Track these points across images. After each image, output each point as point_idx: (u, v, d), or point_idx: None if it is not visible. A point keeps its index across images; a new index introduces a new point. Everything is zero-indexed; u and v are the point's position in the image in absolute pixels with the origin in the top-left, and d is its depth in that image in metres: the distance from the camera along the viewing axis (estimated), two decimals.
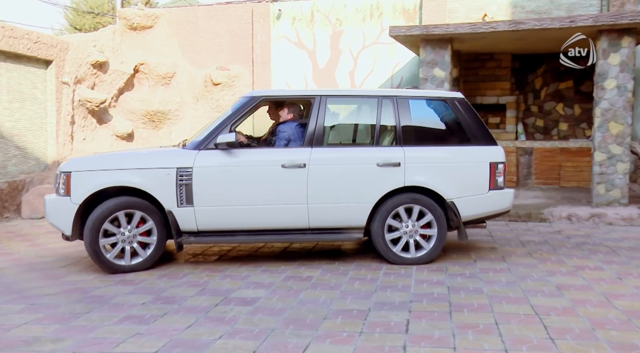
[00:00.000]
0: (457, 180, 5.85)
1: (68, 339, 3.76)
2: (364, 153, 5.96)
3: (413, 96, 6.10)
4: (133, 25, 13.67)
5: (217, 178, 5.59)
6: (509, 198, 6.05)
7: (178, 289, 5.01)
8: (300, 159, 5.69)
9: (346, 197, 5.72)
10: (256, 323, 4.06)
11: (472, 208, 5.88)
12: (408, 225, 5.81)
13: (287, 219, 5.72)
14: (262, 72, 13.40)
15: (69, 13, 24.66)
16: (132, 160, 5.72)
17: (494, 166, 5.92)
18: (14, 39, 9.57)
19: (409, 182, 5.76)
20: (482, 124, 6.06)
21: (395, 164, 5.75)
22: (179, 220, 5.57)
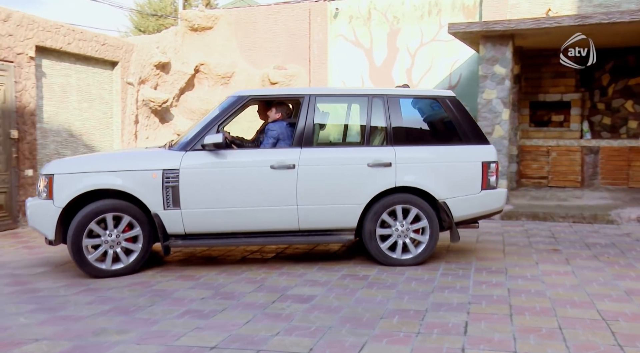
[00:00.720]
0: (449, 180, 5.76)
1: (132, 331, 3.88)
2: (354, 153, 5.86)
3: (404, 95, 6.00)
4: (194, 26, 14.00)
5: (204, 180, 5.44)
6: (501, 198, 5.96)
7: (236, 285, 5.09)
8: (290, 159, 5.58)
9: (336, 198, 5.63)
10: (313, 320, 4.08)
11: (464, 209, 5.79)
12: (400, 226, 5.72)
13: (276, 221, 5.60)
14: (319, 71, 13.45)
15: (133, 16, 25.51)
16: (116, 162, 5.55)
17: (486, 165, 5.82)
18: (83, 41, 9.98)
19: (400, 183, 5.67)
20: (474, 123, 5.98)
21: (386, 164, 5.67)
22: (165, 223, 5.42)
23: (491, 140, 9.60)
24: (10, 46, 8.41)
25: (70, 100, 10.02)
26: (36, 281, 5.31)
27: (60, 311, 4.36)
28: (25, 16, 8.77)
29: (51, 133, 9.54)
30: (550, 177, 11.71)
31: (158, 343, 3.63)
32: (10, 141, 8.47)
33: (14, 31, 8.48)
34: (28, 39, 8.74)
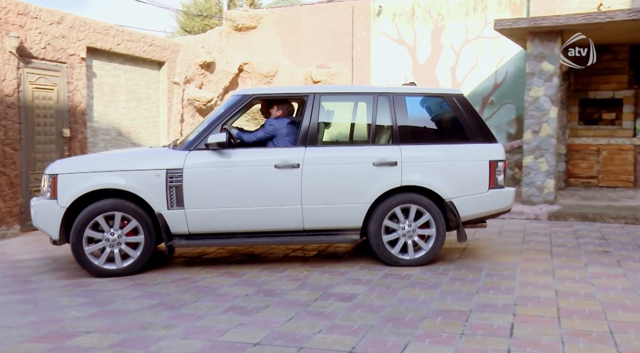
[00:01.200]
0: (456, 179, 5.66)
1: (178, 326, 3.96)
2: (360, 152, 5.78)
3: (410, 93, 5.91)
4: (238, 26, 14.16)
5: (208, 180, 5.40)
6: (509, 197, 5.85)
7: (279, 283, 5.13)
8: (294, 158, 5.51)
9: (341, 197, 5.56)
10: (355, 319, 4.07)
11: (471, 208, 5.70)
12: (405, 225, 5.64)
13: (281, 221, 5.54)
14: (362, 69, 13.41)
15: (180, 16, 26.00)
16: (120, 161, 5.53)
17: (493, 164, 5.72)
18: (131, 42, 10.23)
19: (405, 182, 5.59)
20: (481, 121, 5.88)
21: (392, 163, 5.59)
22: (169, 222, 5.38)
23: (538, 138, 9.39)
24: (63, 48, 8.69)
25: (119, 99, 10.29)
26: (86, 275, 5.47)
27: (109, 305, 4.48)
28: (78, 18, 9.04)
29: (101, 132, 9.82)
30: (601, 176, 11.36)
31: (203, 339, 3.70)
32: (62, 139, 8.76)
33: (66, 33, 8.76)
34: (80, 41, 9.02)
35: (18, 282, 5.27)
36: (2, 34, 7.70)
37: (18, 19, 7.95)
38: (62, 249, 6.80)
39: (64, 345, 3.58)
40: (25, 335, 3.76)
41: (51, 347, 3.54)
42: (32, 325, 3.97)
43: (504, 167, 5.81)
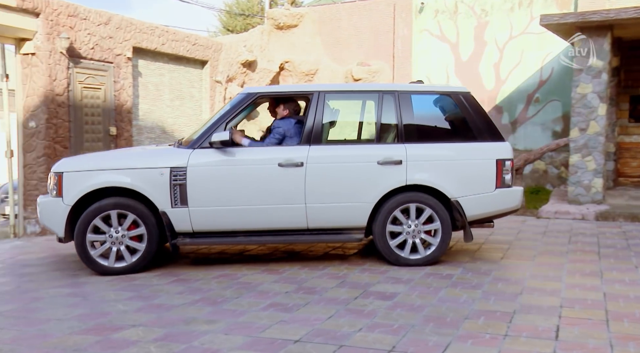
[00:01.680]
0: (462, 178, 5.57)
1: (220, 321, 4.02)
2: (364, 151, 5.70)
3: (416, 91, 5.83)
4: (279, 24, 14.24)
5: (212, 178, 5.38)
6: (517, 197, 5.74)
7: (319, 280, 5.15)
8: (298, 157, 5.47)
9: (345, 196, 5.50)
10: (395, 318, 4.05)
11: (477, 208, 5.61)
12: (411, 225, 5.58)
13: (284, 219, 5.51)
14: (403, 66, 13.31)
15: (222, 16, 26.33)
16: (125, 160, 5.53)
17: (500, 163, 5.62)
18: (176, 42, 10.42)
19: (411, 181, 5.52)
20: (488, 120, 5.76)
21: (397, 161, 5.52)
22: (173, 221, 5.38)
23: (585, 136, 9.13)
24: (110, 48, 8.92)
25: (163, 98, 10.49)
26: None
27: (154, 299, 4.58)
28: (124, 19, 9.26)
29: (145, 130, 10.04)
30: None
31: (244, 334, 3.74)
32: (109, 137, 8.99)
33: (113, 33, 8.98)
34: (126, 41, 9.23)
35: (68, 275, 5.44)
36: (53, 36, 7.95)
37: (68, 21, 8.20)
38: None
39: (111, 338, 3.67)
40: (75, 328, 3.88)
41: (99, 340, 3.64)
42: (81, 318, 4.10)
43: (512, 166, 5.72)
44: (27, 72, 7.98)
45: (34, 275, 5.47)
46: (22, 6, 7.51)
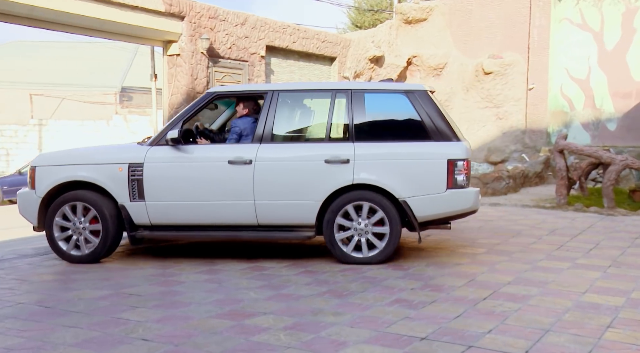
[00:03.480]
0: (411, 178, 5.46)
1: (346, 314, 4.08)
2: (312, 149, 5.66)
3: (369, 89, 5.77)
4: (408, 19, 14.10)
5: (166, 174, 5.56)
6: (469, 199, 5.52)
7: (446, 278, 5.05)
8: (247, 155, 5.56)
9: (293, 194, 5.52)
10: (527, 322, 3.87)
11: (427, 209, 5.48)
12: (359, 223, 5.51)
13: (235, 215, 5.59)
14: (539, 58, 12.62)
15: (351, 12, 26.59)
16: (89, 156, 5.82)
17: (452, 163, 5.42)
18: (306, 39, 10.70)
19: (357, 180, 5.46)
20: (443, 119, 5.56)
21: (344, 160, 5.47)
22: (132, 214, 5.61)
23: None
24: (245, 47, 9.37)
25: None
26: (264, 260, 5.86)
27: (283, 289, 4.76)
28: (259, 19, 9.68)
29: None
30: None
31: (370, 328, 3.76)
32: None
33: (249, 33, 9.42)
34: (260, 40, 9.64)
35: (206, 262, 5.81)
36: (195, 37, 8.50)
37: (209, 22, 8.72)
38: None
39: (244, 324, 3.87)
40: (212, 312, 4.14)
41: (233, 324, 3.86)
42: (217, 303, 4.36)
43: (466, 167, 5.47)
44: (173, 71, 8.60)
45: (176, 261, 5.91)
46: (170, 11, 8.11)
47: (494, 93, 13.89)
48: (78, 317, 4.02)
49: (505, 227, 7.75)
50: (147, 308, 4.21)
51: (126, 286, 4.86)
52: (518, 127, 14.11)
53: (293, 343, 3.50)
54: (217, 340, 3.54)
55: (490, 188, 10.95)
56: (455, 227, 7.73)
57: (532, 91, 13.60)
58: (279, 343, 3.49)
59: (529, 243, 6.60)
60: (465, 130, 14.49)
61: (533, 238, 6.96)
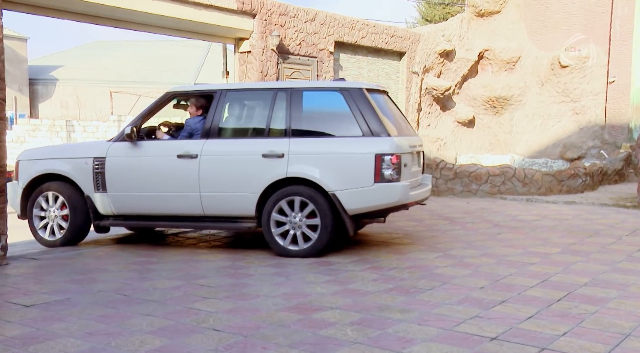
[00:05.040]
0: (340, 172, 5.66)
1: (413, 311, 4.04)
2: (252, 144, 6.00)
3: (307, 88, 6.09)
4: (480, 11, 13.75)
5: (124, 167, 6.11)
6: (396, 192, 5.63)
7: (517, 278, 4.91)
8: (193, 149, 5.97)
9: (234, 186, 5.87)
10: (606, 325, 3.70)
11: (356, 201, 5.65)
12: (294, 217, 5.75)
13: (184, 206, 6.03)
14: (621, 51, 12.01)
15: (421, 6, 26.23)
16: (64, 151, 6.50)
17: (379, 158, 5.57)
18: (375, 34, 10.64)
19: (290, 173, 5.73)
20: (375, 115, 5.74)
21: (279, 155, 5.76)
22: (97, 204, 6.20)
23: None
24: (314, 43, 9.43)
25: None
26: (330, 255, 5.90)
27: (349, 284, 4.77)
28: (328, 15, 9.71)
29: None
30: None
31: (438, 327, 3.72)
32: None
33: (318, 29, 9.47)
34: (329, 36, 9.68)
35: (274, 257, 5.91)
36: (266, 34, 8.64)
37: (279, 19, 8.84)
38: None
39: (311, 318, 3.91)
40: (279, 305, 4.21)
41: (301, 318, 3.91)
42: (284, 296, 4.43)
43: (395, 161, 5.60)
44: (244, 68, 8.78)
45: (245, 254, 6.04)
46: (242, 8, 8.28)
47: (571, 87, 13.33)
48: (153, 305, 4.18)
49: (581, 226, 7.44)
50: (218, 299, 4.33)
51: (198, 277, 5.02)
52: (597, 122, 13.49)
53: (360, 338, 3.51)
54: (284, 333, 3.60)
55: (565, 186, 10.54)
56: (527, 225, 7.49)
57: (613, 85, 12.96)
58: (345, 338, 3.51)
59: (607, 244, 6.31)
60: (539, 125, 14.00)
61: (612, 238, 6.65)
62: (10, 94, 26.46)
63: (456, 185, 10.57)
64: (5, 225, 5.62)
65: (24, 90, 31.17)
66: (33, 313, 4.02)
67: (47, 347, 3.38)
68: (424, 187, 6.37)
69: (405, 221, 8.00)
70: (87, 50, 37.86)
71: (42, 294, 4.50)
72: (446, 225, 7.66)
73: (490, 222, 7.89)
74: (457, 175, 10.57)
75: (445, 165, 10.71)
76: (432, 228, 7.48)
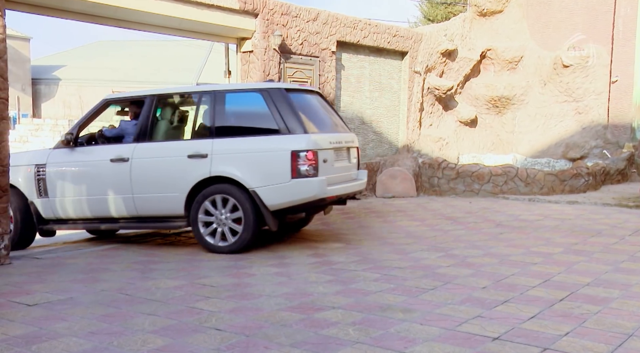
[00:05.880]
0: (259, 170, 5.87)
1: (416, 311, 4.04)
2: (179, 146, 6.25)
3: (230, 90, 6.31)
4: (483, 11, 13.74)
5: (62, 173, 6.29)
6: (313, 187, 5.82)
7: (519, 278, 4.90)
8: (125, 153, 6.22)
9: (162, 187, 6.10)
10: (608, 325, 3.70)
11: (275, 197, 5.84)
12: (221, 214, 5.96)
13: (118, 208, 6.25)
14: (624, 50, 11.99)
15: (424, 6, 26.20)
16: (16, 158, 6.37)
17: (295, 154, 5.76)
18: (377, 34, 10.64)
19: (214, 173, 5.94)
20: (292, 114, 5.93)
21: (203, 155, 5.98)
22: (40, 209, 6.40)
23: None
24: (316, 43, 9.43)
25: (363, 90, 10.80)
26: (332, 255, 5.91)
27: (351, 284, 4.77)
28: (330, 14, 9.71)
29: (346, 120, 10.44)
30: None
31: (440, 327, 3.71)
32: None
33: (320, 29, 9.47)
34: (331, 36, 9.68)
35: (275, 256, 5.91)
36: (268, 34, 8.64)
37: (282, 19, 8.84)
38: (309, 230, 7.42)
39: (313, 317, 3.91)
40: (281, 304, 4.21)
41: (303, 318, 3.91)
42: (287, 296, 4.43)
43: (311, 157, 5.78)
44: (246, 68, 8.79)
45: (246, 253, 6.05)
46: (244, 8, 8.28)
47: (574, 86, 13.31)
48: (156, 305, 4.19)
49: (584, 226, 7.43)
50: (220, 299, 4.33)
51: (200, 277, 5.03)
52: (599, 121, 13.47)
53: (362, 338, 3.51)
54: (287, 333, 3.60)
55: (568, 186, 10.52)
56: (529, 225, 7.49)
57: (616, 84, 12.94)
58: (347, 338, 3.51)
59: (610, 244, 6.30)
60: (542, 125, 13.97)
61: (615, 238, 6.64)
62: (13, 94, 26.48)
63: (458, 185, 10.57)
64: (8, 225, 5.63)
65: (26, 90, 31.22)
66: (36, 312, 4.03)
67: (50, 346, 3.39)
68: (355, 182, 6.57)
69: (407, 221, 8.00)
70: (90, 50, 37.91)
71: (44, 293, 4.51)
72: (448, 225, 7.65)
73: (493, 221, 7.88)
74: (460, 175, 10.56)
75: (448, 165, 10.70)
76: (434, 228, 7.47)
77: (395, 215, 8.53)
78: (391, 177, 10.56)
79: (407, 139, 11.82)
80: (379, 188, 10.71)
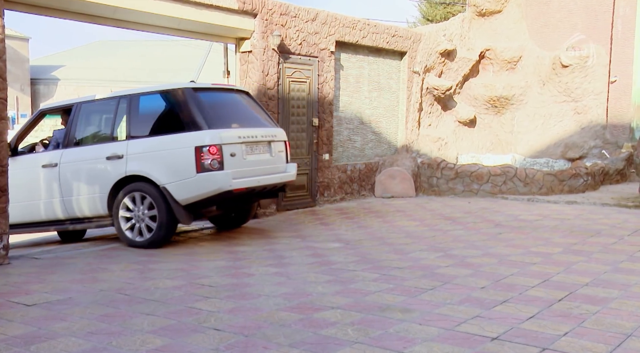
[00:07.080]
0: (167, 167, 6.14)
1: (415, 311, 4.04)
2: (99, 149, 6.54)
3: (144, 93, 6.58)
4: (482, 11, 13.75)
5: (11, 180, 6.19)
6: (218, 180, 6.05)
7: (518, 278, 4.90)
8: (53, 159, 6.62)
9: (86, 189, 6.44)
10: (607, 325, 3.70)
11: (184, 192, 6.09)
12: (139, 211, 6.25)
13: (50, 212, 6.63)
14: (623, 51, 12.00)
15: (422, 6, 26.20)
16: None
17: (198, 150, 6.00)
18: (376, 34, 10.64)
19: (129, 172, 6.26)
20: (197, 111, 6.16)
21: (119, 156, 6.33)
22: None
23: None
24: (315, 43, 9.42)
25: (362, 90, 10.80)
26: (331, 255, 5.90)
27: (350, 284, 4.77)
28: (329, 14, 9.70)
29: (344, 121, 10.44)
30: None
31: (439, 327, 3.71)
32: (312, 128, 9.52)
33: (319, 29, 9.47)
34: (330, 36, 9.67)
35: (275, 256, 5.91)
36: (267, 34, 8.64)
37: (280, 19, 8.83)
38: (310, 229, 7.42)
39: (312, 317, 3.91)
40: (280, 304, 4.21)
41: (302, 318, 3.91)
42: (286, 296, 4.43)
43: (214, 152, 6.03)
44: (245, 68, 8.78)
45: (245, 254, 6.05)
46: (243, 8, 8.27)
47: (573, 87, 13.31)
48: (155, 305, 4.19)
49: (583, 226, 7.43)
50: (219, 299, 4.33)
51: (199, 277, 5.03)
52: (598, 122, 13.47)
53: (361, 338, 3.51)
54: (285, 333, 3.60)
55: (567, 186, 10.53)
56: (528, 225, 7.49)
57: (615, 84, 12.94)
58: (346, 338, 3.51)
59: (609, 244, 6.30)
60: (541, 125, 13.98)
61: (614, 238, 6.64)
62: (12, 94, 26.48)
63: (457, 185, 10.57)
64: (7, 225, 5.62)
65: (25, 90, 31.20)
66: (35, 312, 4.03)
67: (49, 346, 3.38)
68: (278, 174, 6.81)
69: (406, 221, 8.00)
70: (89, 50, 37.89)
71: (43, 293, 4.50)
72: (447, 225, 7.65)
73: (492, 221, 7.88)
74: (458, 175, 10.56)
75: (447, 165, 10.70)
76: (433, 228, 7.48)
77: (394, 215, 8.53)
78: (390, 177, 10.56)
79: (406, 138, 11.82)
80: (377, 188, 10.71)
